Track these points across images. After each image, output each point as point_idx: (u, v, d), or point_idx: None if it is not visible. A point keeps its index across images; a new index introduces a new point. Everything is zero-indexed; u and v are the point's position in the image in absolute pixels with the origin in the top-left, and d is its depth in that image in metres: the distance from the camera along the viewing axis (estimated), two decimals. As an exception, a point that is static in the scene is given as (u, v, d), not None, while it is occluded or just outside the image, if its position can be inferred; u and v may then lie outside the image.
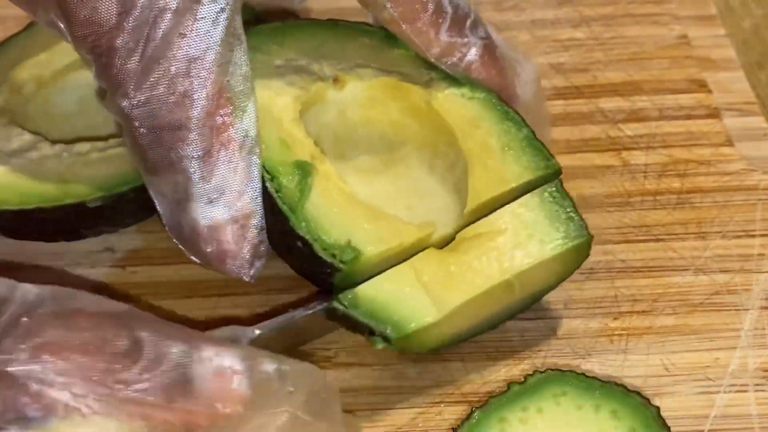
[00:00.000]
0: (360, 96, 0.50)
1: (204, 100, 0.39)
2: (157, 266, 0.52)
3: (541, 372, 0.43)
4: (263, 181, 0.44)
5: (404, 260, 0.45)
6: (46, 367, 0.35)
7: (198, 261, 0.43)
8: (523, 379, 0.44)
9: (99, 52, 0.39)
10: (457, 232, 0.46)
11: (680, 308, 0.50)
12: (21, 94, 0.53)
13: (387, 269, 0.44)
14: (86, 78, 0.52)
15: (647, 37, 0.63)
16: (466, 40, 0.48)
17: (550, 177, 0.47)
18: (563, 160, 0.55)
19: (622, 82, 0.60)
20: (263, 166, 0.44)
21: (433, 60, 0.48)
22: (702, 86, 0.60)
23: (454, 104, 0.49)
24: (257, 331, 0.42)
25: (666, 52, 0.62)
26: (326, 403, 0.40)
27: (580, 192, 0.55)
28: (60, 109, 0.53)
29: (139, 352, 0.36)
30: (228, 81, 0.40)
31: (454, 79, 0.49)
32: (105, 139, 0.51)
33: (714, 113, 0.59)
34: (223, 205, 0.41)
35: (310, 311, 0.45)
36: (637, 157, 0.56)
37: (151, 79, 0.39)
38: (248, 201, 0.42)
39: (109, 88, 0.40)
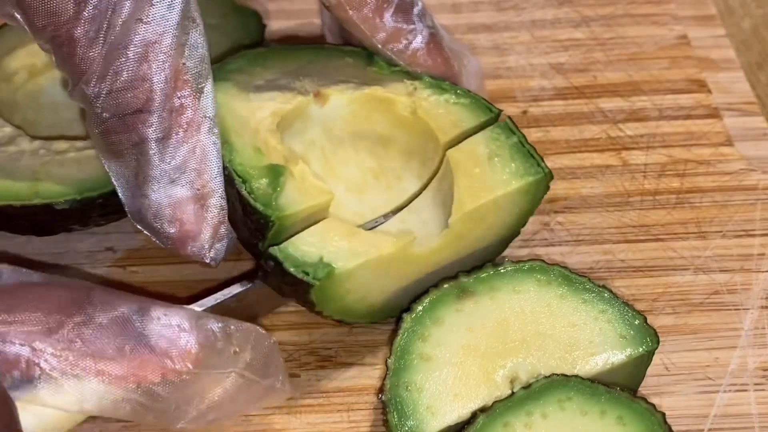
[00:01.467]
0: (343, 111, 0.50)
1: (162, 83, 0.40)
2: (157, 266, 0.52)
3: (546, 377, 0.43)
4: (235, 186, 0.44)
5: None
6: (5, 326, 0.36)
7: (162, 245, 0.43)
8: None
9: (59, 43, 0.40)
10: (445, 244, 0.46)
11: (680, 308, 0.50)
12: (12, 82, 0.53)
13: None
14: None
15: (647, 38, 0.63)
16: (412, 26, 0.48)
17: (540, 182, 0.47)
18: (563, 160, 0.56)
19: (622, 82, 0.60)
20: (235, 172, 0.44)
21: (379, 47, 0.48)
22: (702, 86, 0.60)
23: (438, 110, 0.49)
24: (197, 309, 0.43)
25: (666, 53, 0.62)
26: (269, 361, 0.41)
27: (579, 192, 0.55)
28: (49, 99, 0.54)
29: (92, 314, 0.38)
30: (184, 63, 0.41)
31: (438, 86, 0.49)
32: (85, 138, 0.51)
33: (714, 113, 0.59)
34: (183, 184, 0.42)
35: (248, 286, 0.46)
36: (637, 157, 0.56)
37: (113, 66, 0.40)
38: (207, 180, 0.42)
39: (72, 77, 0.40)
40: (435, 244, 0.46)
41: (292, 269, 0.43)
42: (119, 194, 0.43)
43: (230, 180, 0.44)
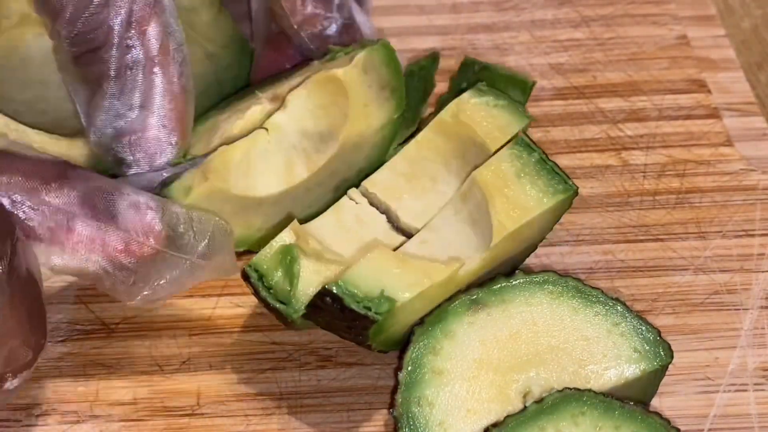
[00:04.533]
0: (305, 108, 0.50)
1: (119, 26, 0.45)
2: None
3: (559, 391, 0.43)
4: (250, 280, 0.45)
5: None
6: None
7: (111, 168, 0.48)
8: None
9: None
10: (483, 265, 0.46)
11: (680, 308, 0.50)
12: None
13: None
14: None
15: (647, 38, 0.63)
16: (329, 14, 0.52)
17: (569, 198, 0.47)
18: (563, 160, 0.56)
19: (621, 82, 0.61)
20: (250, 267, 0.45)
21: (295, 27, 0.52)
22: (701, 86, 0.60)
23: (480, 113, 0.49)
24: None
25: (665, 53, 0.62)
26: (223, 249, 0.45)
27: (579, 192, 0.55)
28: (26, 52, 0.53)
29: (67, 184, 0.42)
30: (132, 8, 0.45)
31: (478, 89, 0.50)
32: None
33: (713, 113, 0.59)
34: (125, 119, 0.46)
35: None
36: (637, 157, 0.56)
37: (79, 11, 0.45)
38: (148, 116, 0.46)
39: (49, 19, 0.46)
40: (475, 265, 0.46)
41: (353, 306, 0.42)
42: (81, 116, 0.47)
43: (246, 276, 0.45)
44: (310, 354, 0.48)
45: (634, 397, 0.44)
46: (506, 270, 0.47)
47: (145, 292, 0.44)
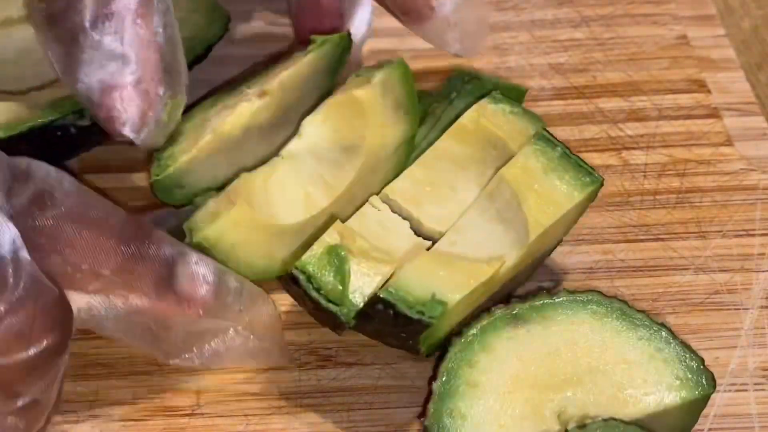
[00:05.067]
0: (320, 132, 0.50)
1: None
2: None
3: (604, 420, 0.41)
4: (298, 283, 0.44)
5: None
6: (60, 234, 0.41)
7: (100, 124, 0.46)
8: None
9: None
10: (518, 263, 0.46)
11: (680, 308, 0.50)
12: None
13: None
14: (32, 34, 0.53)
15: (646, 38, 0.63)
16: None
17: (596, 189, 0.47)
18: (563, 160, 0.56)
19: (621, 82, 0.61)
20: (297, 269, 0.44)
21: None
22: (701, 86, 0.60)
23: (499, 117, 0.49)
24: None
25: (665, 53, 0.62)
26: (268, 328, 0.45)
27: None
28: (7, 54, 0.53)
29: (135, 250, 0.42)
30: None
31: (493, 97, 0.50)
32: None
33: (713, 113, 0.59)
34: (110, 71, 0.45)
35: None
36: (637, 157, 0.56)
37: None
38: (134, 68, 0.45)
39: None
40: (513, 263, 0.46)
41: (407, 311, 0.42)
42: (59, 74, 0.46)
43: (294, 278, 0.44)
44: (310, 354, 0.48)
45: (672, 425, 0.43)
46: (533, 267, 0.47)
47: (186, 355, 0.44)
